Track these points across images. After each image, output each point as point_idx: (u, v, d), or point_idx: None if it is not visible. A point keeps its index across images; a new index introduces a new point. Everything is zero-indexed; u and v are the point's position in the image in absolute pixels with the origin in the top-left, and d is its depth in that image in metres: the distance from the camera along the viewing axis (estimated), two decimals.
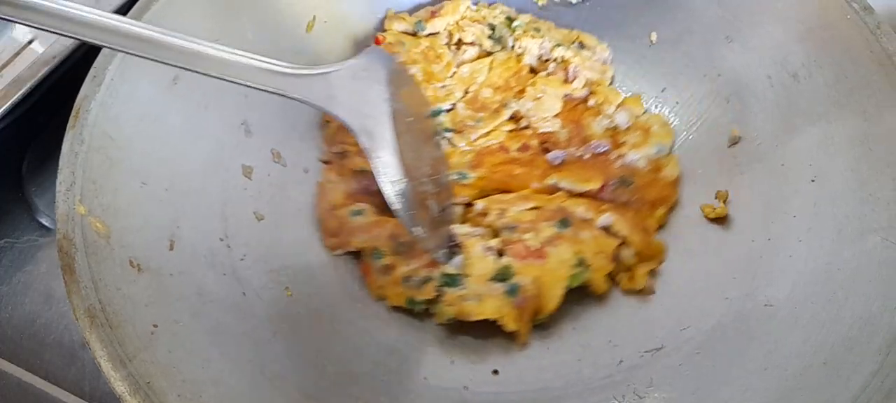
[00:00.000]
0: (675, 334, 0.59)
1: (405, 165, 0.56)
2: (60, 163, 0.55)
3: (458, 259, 0.63)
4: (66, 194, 0.54)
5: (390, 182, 0.55)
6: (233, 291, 0.60)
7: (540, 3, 0.83)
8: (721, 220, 0.65)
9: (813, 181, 0.59)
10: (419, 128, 0.65)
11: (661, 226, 0.68)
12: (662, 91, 0.76)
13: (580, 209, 0.66)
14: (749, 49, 0.69)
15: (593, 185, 0.68)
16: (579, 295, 0.64)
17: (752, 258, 0.60)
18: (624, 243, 0.65)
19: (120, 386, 0.45)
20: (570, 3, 0.81)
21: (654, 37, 0.77)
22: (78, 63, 0.71)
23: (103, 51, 0.61)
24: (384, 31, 0.81)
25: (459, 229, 0.65)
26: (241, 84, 0.52)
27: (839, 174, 0.57)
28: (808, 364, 0.49)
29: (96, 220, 0.54)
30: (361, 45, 0.83)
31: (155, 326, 0.51)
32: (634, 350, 0.59)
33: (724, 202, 0.66)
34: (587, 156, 0.72)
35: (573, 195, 0.69)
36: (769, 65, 0.66)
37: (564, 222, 0.65)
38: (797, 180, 0.60)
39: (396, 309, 0.64)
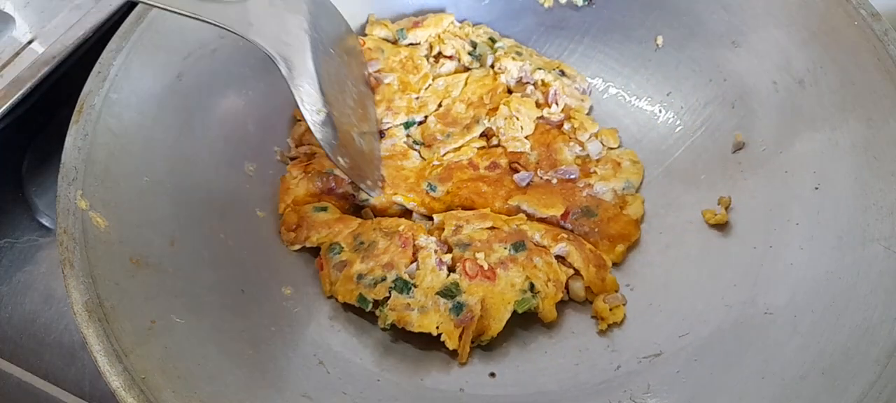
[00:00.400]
0: (674, 340, 0.58)
1: (327, 96, 0.55)
2: (63, 157, 0.56)
3: (412, 266, 0.63)
4: (67, 188, 0.54)
5: (311, 110, 0.55)
6: (232, 288, 0.60)
7: (546, 5, 0.83)
8: (721, 226, 0.65)
9: (816, 188, 0.59)
10: (345, 62, 0.65)
11: (616, 264, 0.67)
12: (668, 95, 0.76)
13: (537, 235, 0.66)
14: (754, 54, 0.68)
15: (556, 211, 0.68)
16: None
17: (754, 265, 0.59)
18: (577, 274, 0.65)
19: (115, 381, 0.46)
20: (576, 5, 0.81)
21: (659, 40, 0.77)
22: (78, 63, 0.71)
23: (108, 46, 0.62)
24: (365, 35, 0.82)
25: (420, 240, 0.65)
26: (151, 4, 0.52)
27: (842, 182, 0.57)
28: (806, 372, 0.49)
29: (97, 215, 0.54)
30: None
31: (153, 322, 0.51)
32: (633, 356, 0.59)
33: (727, 208, 0.65)
34: (554, 182, 0.72)
35: (533, 219, 0.68)
36: (774, 70, 0.66)
37: (519, 246, 0.64)
38: (800, 187, 0.60)
39: (346, 306, 0.64)
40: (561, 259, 0.65)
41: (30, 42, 0.73)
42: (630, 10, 0.78)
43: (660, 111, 0.76)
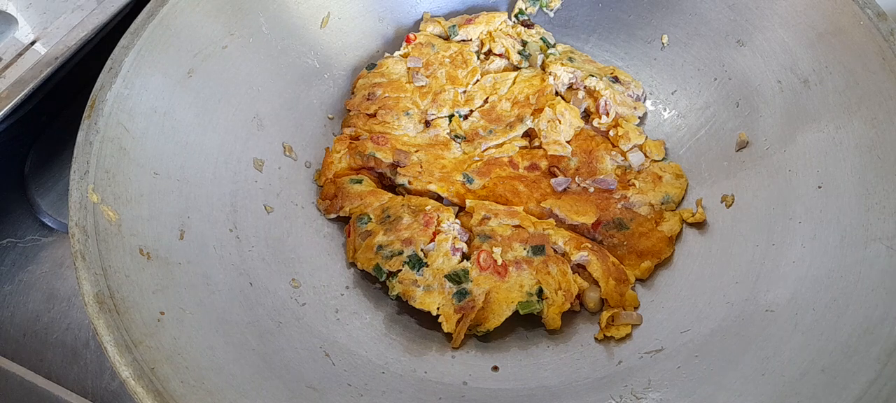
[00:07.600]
0: (676, 336, 0.59)
1: None
2: (75, 151, 0.56)
3: (430, 246, 0.65)
4: (79, 182, 0.55)
5: None
6: (240, 281, 0.61)
7: (553, 4, 0.83)
8: (700, 225, 0.66)
9: (819, 187, 0.59)
10: None
11: (642, 280, 0.66)
12: (673, 93, 0.76)
13: (561, 241, 0.66)
14: (760, 53, 0.68)
15: (587, 220, 0.68)
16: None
17: (755, 262, 0.60)
18: (595, 285, 0.65)
19: (125, 371, 0.46)
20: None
21: (665, 39, 0.77)
22: (80, 64, 0.71)
23: (120, 43, 0.63)
24: (419, 31, 0.83)
25: (444, 225, 0.66)
26: None
27: (846, 181, 0.57)
28: (806, 370, 0.49)
29: (108, 208, 0.55)
30: (391, 42, 0.85)
31: (162, 313, 0.52)
32: (634, 351, 0.59)
33: (729, 206, 0.65)
34: (591, 190, 0.71)
35: (563, 225, 0.68)
36: (780, 69, 0.66)
37: (538, 249, 0.64)
38: (803, 186, 0.60)
39: (364, 274, 0.67)
40: (581, 267, 0.65)
41: (32, 43, 0.73)
42: (636, 10, 0.79)
43: (664, 109, 0.77)
